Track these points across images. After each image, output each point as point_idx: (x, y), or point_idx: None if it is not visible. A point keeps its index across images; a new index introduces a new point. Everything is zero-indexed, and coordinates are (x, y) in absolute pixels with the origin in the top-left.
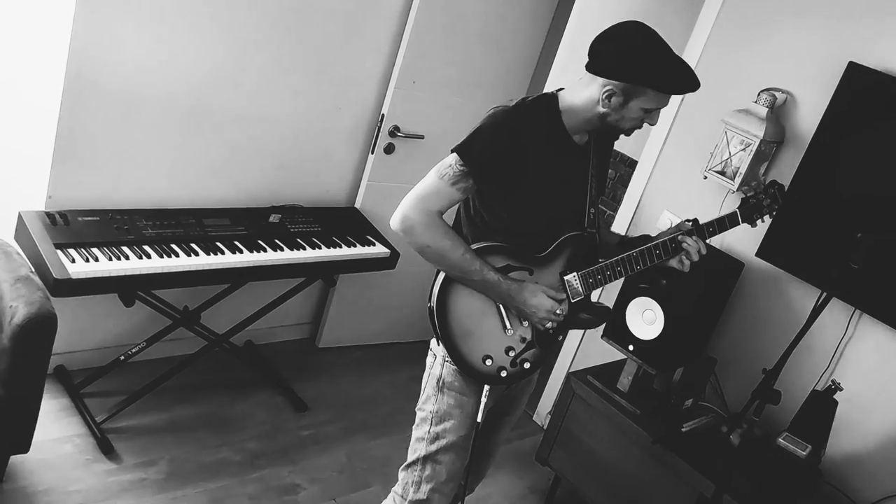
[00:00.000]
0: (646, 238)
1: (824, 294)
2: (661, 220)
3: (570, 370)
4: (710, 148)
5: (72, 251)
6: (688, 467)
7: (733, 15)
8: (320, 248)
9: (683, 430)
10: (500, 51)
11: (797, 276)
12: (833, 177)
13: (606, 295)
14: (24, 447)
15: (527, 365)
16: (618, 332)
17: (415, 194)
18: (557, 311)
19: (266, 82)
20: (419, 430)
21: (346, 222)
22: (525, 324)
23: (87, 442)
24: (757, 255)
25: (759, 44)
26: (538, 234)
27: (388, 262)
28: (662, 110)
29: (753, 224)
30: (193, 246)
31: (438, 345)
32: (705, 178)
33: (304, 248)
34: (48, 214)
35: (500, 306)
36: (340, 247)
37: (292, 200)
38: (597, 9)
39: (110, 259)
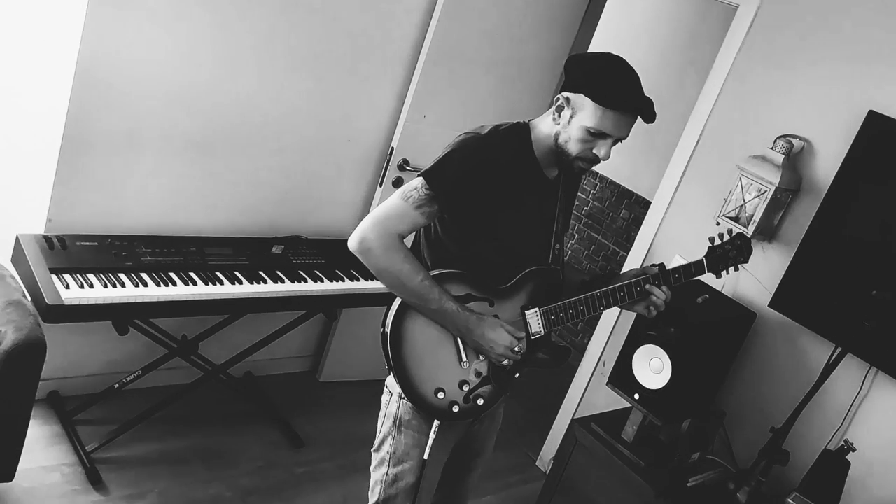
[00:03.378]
0: (610, 277)
1: (838, 349)
2: (672, 264)
3: (575, 416)
4: (724, 193)
5: (67, 276)
6: None
7: (751, 59)
8: (323, 280)
9: (689, 484)
10: (514, 86)
11: (811, 328)
12: (850, 228)
13: (614, 339)
14: (9, 475)
15: (480, 401)
16: (624, 379)
17: (376, 215)
18: (516, 349)
19: (274, 111)
20: (377, 473)
21: (350, 255)
22: (482, 358)
23: (76, 472)
24: (770, 305)
25: (777, 89)
26: (501, 266)
27: (392, 298)
28: (678, 153)
29: (718, 275)
30: (192, 275)
31: (395, 382)
32: (718, 223)
33: (306, 281)
34: (46, 238)
35: (457, 337)
36: (343, 280)
37: (296, 231)
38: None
39: (105, 286)
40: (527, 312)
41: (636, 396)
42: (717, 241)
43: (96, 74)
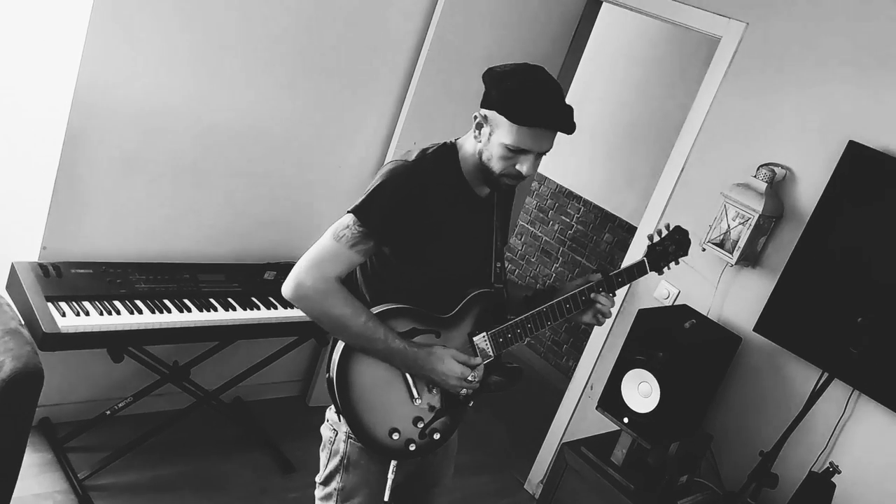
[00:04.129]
0: (552, 291)
1: (825, 375)
2: (658, 290)
3: (563, 439)
4: (709, 220)
5: (63, 304)
6: None
7: (734, 89)
8: None
9: None
10: None
11: (795, 353)
12: (832, 255)
13: (601, 363)
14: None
15: (437, 436)
16: (613, 403)
17: (310, 259)
18: (470, 378)
19: (267, 139)
20: None
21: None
22: (434, 391)
23: (68, 499)
24: (755, 329)
25: (760, 119)
26: (444, 294)
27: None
28: (664, 180)
29: (661, 272)
30: (186, 302)
31: (340, 420)
32: (704, 249)
33: None
34: (41, 266)
35: (406, 375)
36: None
37: (289, 258)
38: (598, 76)
39: (101, 313)
40: (475, 339)
41: (625, 420)
42: (656, 238)
43: (93, 103)
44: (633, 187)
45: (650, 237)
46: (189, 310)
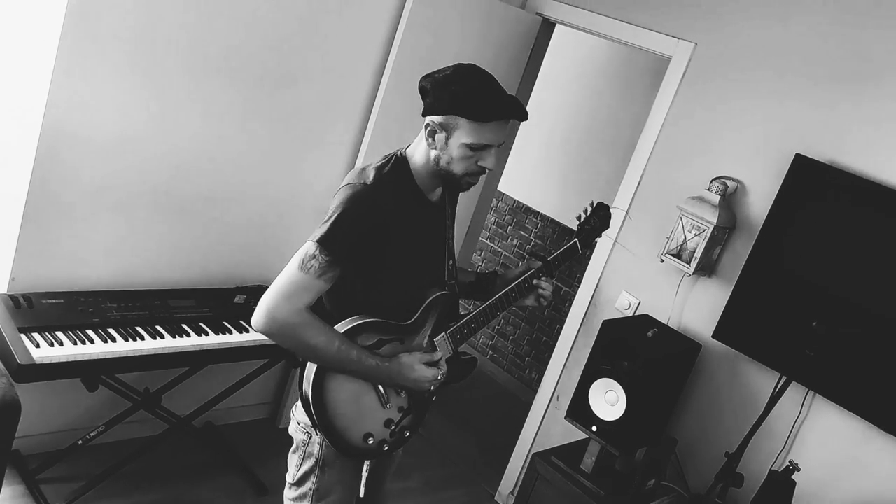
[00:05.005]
0: (493, 276)
1: (783, 378)
2: (619, 301)
3: (532, 450)
4: (666, 232)
5: (36, 335)
6: None
7: (686, 106)
8: None
9: None
10: None
11: (753, 357)
12: (783, 263)
13: (567, 374)
14: None
15: (406, 433)
16: (581, 412)
17: (279, 292)
18: (439, 376)
19: (235, 165)
20: None
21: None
22: (402, 393)
23: None
24: (714, 336)
25: (711, 133)
26: (403, 302)
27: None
28: (622, 194)
29: (591, 247)
30: (159, 328)
31: (317, 433)
32: (662, 261)
33: None
34: (12, 297)
35: (376, 385)
36: None
37: (259, 280)
38: (553, 95)
39: (75, 343)
40: (436, 340)
41: (594, 428)
42: (583, 217)
43: (61, 132)
44: (589, 201)
45: (578, 217)
46: (162, 336)
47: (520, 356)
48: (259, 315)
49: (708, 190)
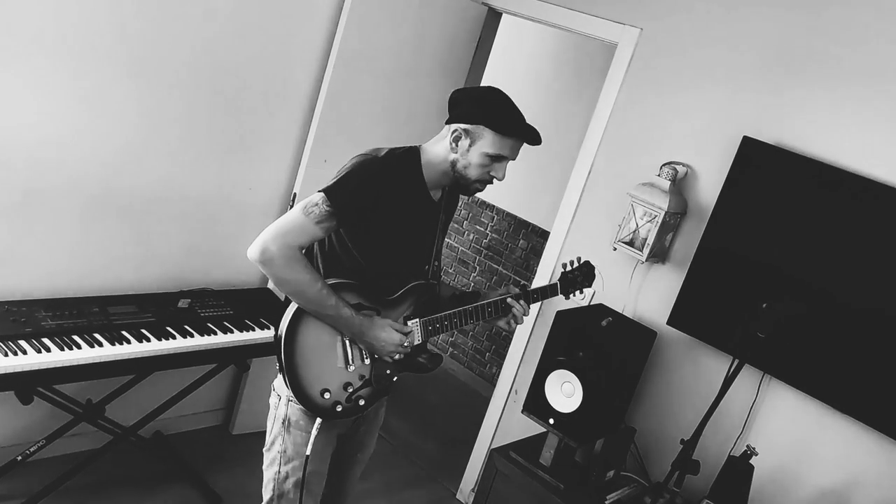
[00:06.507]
0: (476, 294)
1: (736, 361)
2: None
3: (492, 446)
4: (619, 220)
5: None
6: None
7: (633, 93)
8: (232, 332)
9: (607, 502)
10: (404, 129)
11: (707, 342)
12: (734, 246)
13: (524, 368)
14: None
15: (361, 402)
16: (538, 406)
17: (277, 227)
18: (405, 344)
19: (174, 163)
20: (269, 471)
21: (259, 305)
22: (366, 362)
23: None
24: (668, 323)
25: (660, 119)
26: (388, 279)
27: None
28: (573, 184)
29: (567, 297)
30: (97, 336)
31: (285, 385)
32: (615, 248)
33: (216, 333)
34: None
35: (345, 343)
36: (253, 330)
37: (203, 284)
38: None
39: (6, 354)
40: (409, 322)
41: (551, 421)
42: (569, 267)
43: None
44: (544, 193)
45: (564, 266)
46: (100, 344)
47: (480, 352)
48: (254, 245)
49: (658, 176)
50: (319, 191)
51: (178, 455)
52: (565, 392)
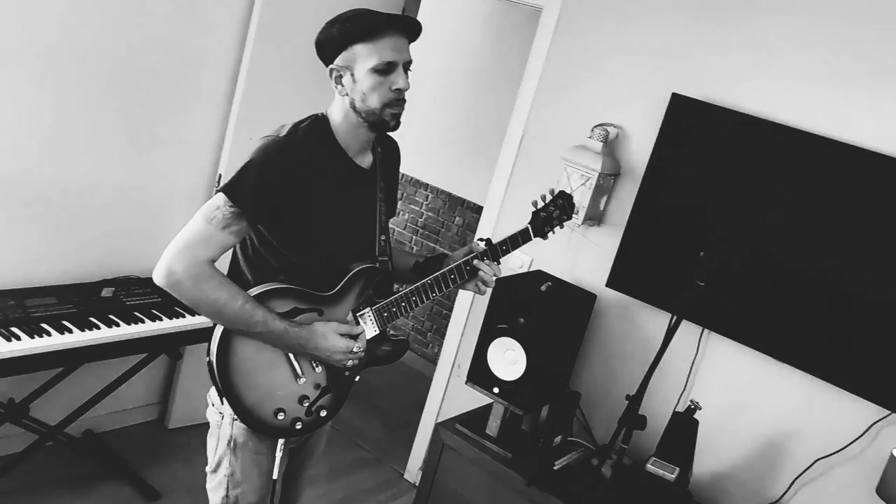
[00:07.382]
0: (441, 258)
1: (675, 317)
2: (512, 261)
3: (438, 421)
4: (553, 184)
5: None
6: None
7: (561, 56)
8: (161, 319)
9: (555, 467)
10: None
11: (647, 302)
12: (669, 202)
13: (466, 340)
14: None
15: (323, 413)
16: (482, 375)
17: (180, 243)
18: (355, 349)
19: (90, 154)
20: (216, 495)
21: None
22: (319, 368)
23: None
24: (607, 285)
25: (589, 81)
26: (325, 271)
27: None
28: (505, 153)
29: (545, 237)
30: (14, 330)
31: (223, 403)
32: None
33: (143, 322)
34: None
35: (289, 354)
36: (184, 316)
37: (127, 272)
38: (429, 61)
39: None
40: (359, 315)
41: (496, 390)
42: (541, 204)
43: None
44: (477, 169)
45: (534, 203)
46: (18, 338)
47: (421, 332)
48: (158, 267)
49: (590, 138)
50: (217, 190)
51: (111, 452)
52: (508, 360)
